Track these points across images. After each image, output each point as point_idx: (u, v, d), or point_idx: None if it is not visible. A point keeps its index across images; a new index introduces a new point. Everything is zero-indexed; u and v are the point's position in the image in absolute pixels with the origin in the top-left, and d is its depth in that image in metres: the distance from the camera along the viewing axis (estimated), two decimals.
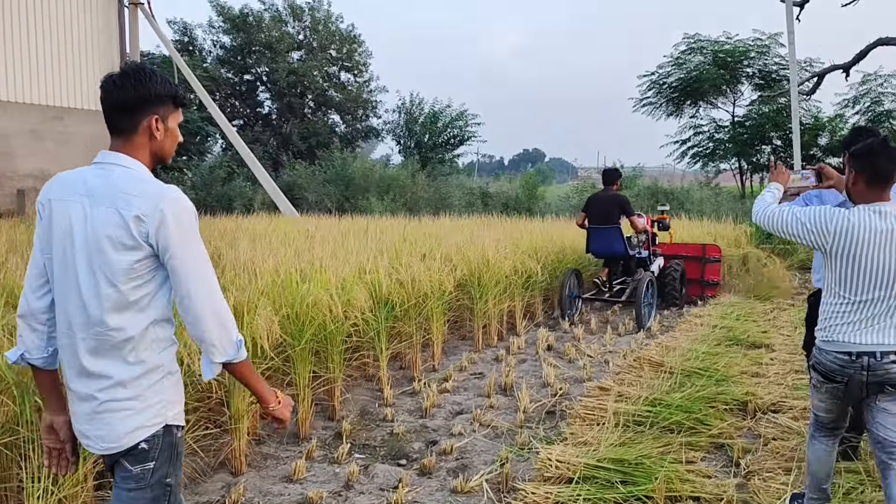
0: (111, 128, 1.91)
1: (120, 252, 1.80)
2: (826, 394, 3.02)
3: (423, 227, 11.47)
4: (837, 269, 2.91)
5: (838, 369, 2.91)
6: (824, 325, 2.96)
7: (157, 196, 1.81)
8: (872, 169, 2.87)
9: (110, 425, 1.86)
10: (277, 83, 28.95)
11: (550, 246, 8.87)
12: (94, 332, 1.84)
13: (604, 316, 8.55)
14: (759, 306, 8.89)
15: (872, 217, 2.85)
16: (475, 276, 6.79)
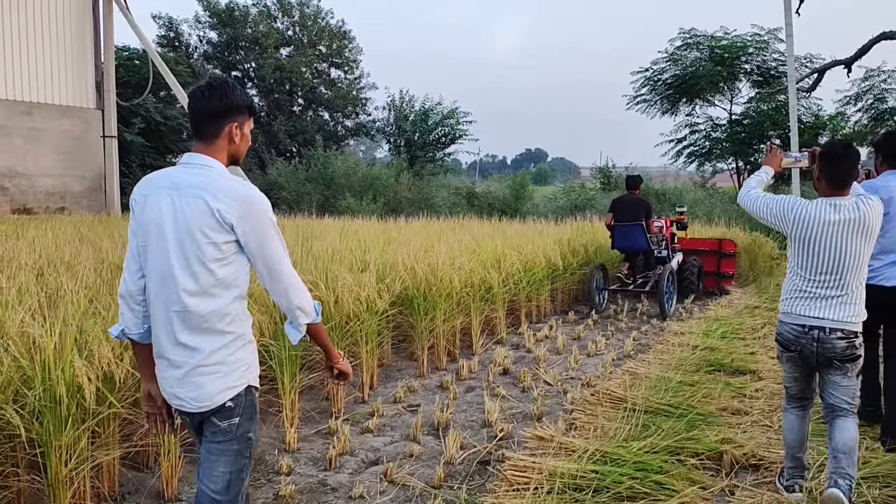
0: (196, 132, 2.18)
1: (209, 237, 2.09)
2: (788, 363, 3.46)
3: (391, 229, 10.68)
4: (796, 251, 3.32)
5: (793, 339, 3.33)
6: (785, 298, 3.39)
7: (238, 191, 2.11)
8: (832, 171, 3.28)
9: (202, 387, 2.15)
10: (264, 79, 28.14)
11: (521, 252, 8.02)
12: (186, 307, 2.11)
13: (574, 332, 7.70)
14: (749, 321, 8.03)
15: (828, 209, 3.24)
16: (420, 290, 5.94)
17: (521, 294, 7.91)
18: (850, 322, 3.23)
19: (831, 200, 3.25)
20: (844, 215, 3.20)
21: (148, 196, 2.17)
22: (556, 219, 13.86)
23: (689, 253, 10.24)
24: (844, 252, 3.20)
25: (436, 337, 6.17)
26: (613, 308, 9.30)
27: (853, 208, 3.23)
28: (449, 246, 7.46)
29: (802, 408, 3.49)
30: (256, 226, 2.13)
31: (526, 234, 9.84)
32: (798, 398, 3.49)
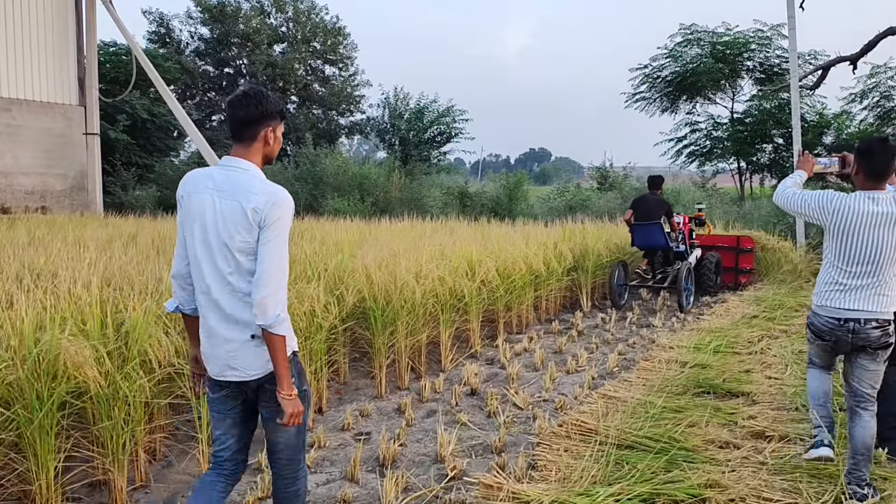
0: (235, 136, 2.47)
1: (241, 234, 2.38)
2: (818, 348, 3.68)
3: (371, 231, 10.14)
4: (835, 244, 3.47)
5: (828, 331, 3.51)
6: (820, 290, 3.55)
7: (270, 194, 2.39)
8: (869, 166, 3.43)
9: (256, 357, 2.46)
10: (256, 76, 27.59)
11: (499, 258, 7.44)
12: (229, 290, 2.43)
13: (556, 345, 7.11)
14: (746, 332, 7.44)
15: (867, 202, 3.39)
16: (378, 302, 5.37)
17: (498, 303, 7.33)
18: (884, 312, 3.41)
19: (869, 193, 3.41)
20: (883, 208, 3.37)
21: (191, 193, 2.46)
22: (550, 220, 13.25)
23: (707, 249, 10.51)
24: (882, 244, 3.37)
25: (397, 353, 5.60)
26: (601, 317, 8.72)
27: (891, 202, 3.39)
28: (419, 251, 6.89)
29: (825, 370, 3.77)
30: (278, 226, 2.39)
31: (511, 237, 9.26)
32: (822, 367, 3.77)
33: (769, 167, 20.67)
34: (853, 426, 3.47)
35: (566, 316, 8.96)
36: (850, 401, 3.54)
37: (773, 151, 20.63)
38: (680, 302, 9.05)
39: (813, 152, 19.54)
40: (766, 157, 20.77)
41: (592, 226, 11.57)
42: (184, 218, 2.48)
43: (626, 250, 10.28)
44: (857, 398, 3.49)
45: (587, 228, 11.06)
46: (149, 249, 7.32)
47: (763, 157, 20.80)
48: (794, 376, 5.70)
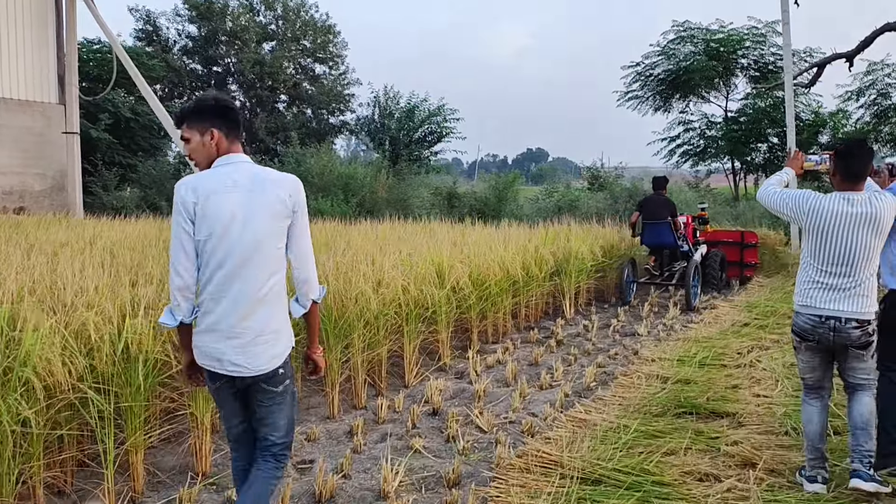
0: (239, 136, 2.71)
1: (280, 221, 2.58)
2: (806, 352, 3.66)
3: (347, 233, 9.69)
4: (811, 244, 3.56)
5: (810, 329, 3.56)
6: (800, 290, 3.63)
7: (291, 179, 2.66)
8: (846, 167, 3.51)
9: (260, 355, 2.59)
10: (244, 74, 27.13)
11: (472, 263, 7.00)
12: (255, 287, 2.55)
13: (532, 356, 6.67)
14: (735, 342, 7.00)
15: (842, 203, 3.47)
16: (330, 313, 4.92)
17: (471, 311, 6.88)
18: (863, 313, 3.45)
19: (845, 195, 3.47)
20: (857, 209, 3.42)
21: (210, 196, 2.53)
22: (538, 222, 12.80)
23: (712, 244, 10.83)
24: (855, 245, 3.42)
25: (353, 369, 5.14)
26: (584, 324, 8.28)
27: (866, 203, 3.43)
28: (388, 256, 6.45)
29: (820, 398, 3.67)
30: (304, 205, 2.66)
31: (492, 240, 8.81)
32: (816, 388, 3.67)
33: (764, 167, 20.23)
34: (851, 405, 3.55)
35: (548, 323, 8.52)
36: (847, 391, 3.62)
37: (767, 151, 20.21)
38: (688, 299, 9.24)
39: (809, 151, 19.15)
40: (761, 157, 20.35)
41: (579, 228, 11.13)
42: (200, 221, 2.52)
43: (625, 250, 10.57)
44: (854, 386, 3.57)
45: (572, 230, 10.62)
46: (103, 254, 6.85)
47: (758, 157, 20.38)
48: (784, 393, 5.27)
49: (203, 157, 2.67)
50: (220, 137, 2.66)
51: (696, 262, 9.68)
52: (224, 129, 2.66)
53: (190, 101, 2.73)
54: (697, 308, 9.36)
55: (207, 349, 2.61)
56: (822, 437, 3.62)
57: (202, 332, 2.61)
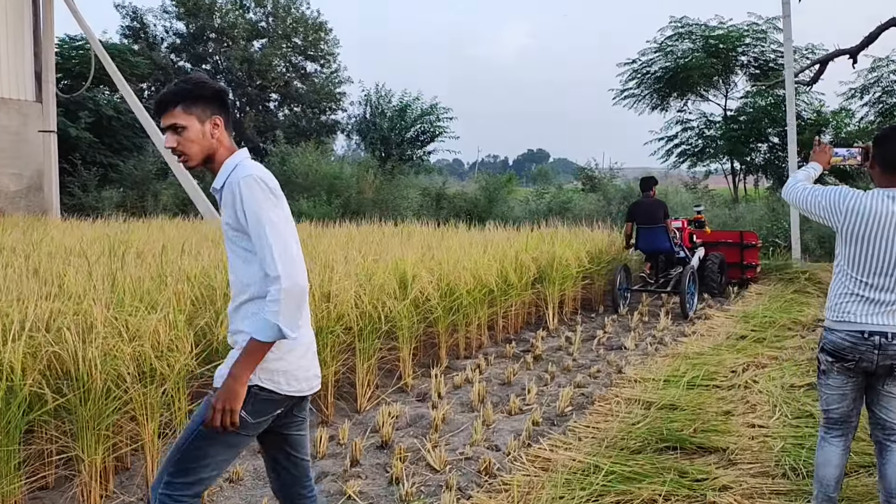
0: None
1: None
2: (838, 377, 3.04)
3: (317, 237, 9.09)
4: (848, 250, 3.01)
5: (849, 347, 2.97)
6: (834, 303, 3.06)
7: None
8: (882, 155, 3.00)
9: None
10: (231, 72, 26.56)
11: (438, 271, 6.38)
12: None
13: (506, 374, 6.04)
14: (730, 359, 6.38)
15: (886, 201, 2.92)
16: None
17: (439, 325, 6.27)
18: None
19: (890, 191, 2.95)
20: None
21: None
22: (528, 224, 12.18)
23: (711, 246, 10.42)
24: None
25: None
26: (567, 335, 7.66)
27: None
28: (348, 263, 5.84)
29: (844, 436, 3.12)
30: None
31: (471, 244, 8.21)
32: (841, 423, 3.11)
33: (764, 167, 19.60)
34: (884, 463, 3.03)
35: (528, 335, 7.90)
36: (877, 433, 3.08)
37: (768, 151, 19.57)
38: (683, 308, 8.79)
39: (810, 151, 18.41)
40: (761, 157, 19.71)
41: (567, 231, 10.51)
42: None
43: (615, 255, 10.05)
44: (887, 430, 3.03)
45: (559, 234, 10.01)
46: (34, 263, 6.22)
47: (758, 157, 19.74)
48: (782, 422, 4.65)
49: (200, 150, 2.22)
50: (223, 129, 2.26)
51: (692, 269, 9.19)
52: (225, 118, 2.27)
53: (179, 82, 2.26)
54: (691, 318, 8.75)
55: (312, 367, 2.34)
56: (839, 484, 3.11)
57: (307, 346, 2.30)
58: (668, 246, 9.15)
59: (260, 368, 2.16)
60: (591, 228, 11.00)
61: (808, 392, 5.28)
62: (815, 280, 10.20)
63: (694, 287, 9.20)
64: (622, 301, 9.34)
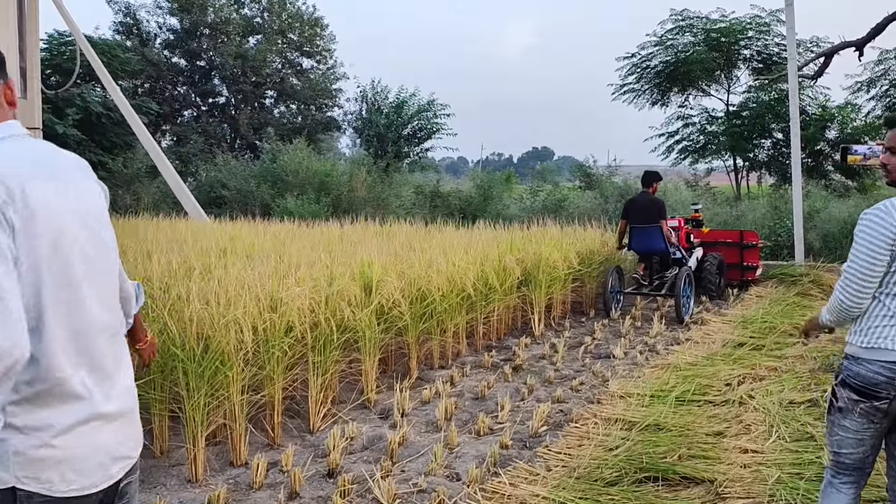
0: None
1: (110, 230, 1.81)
2: (860, 418, 2.52)
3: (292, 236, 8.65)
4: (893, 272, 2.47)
5: (885, 382, 2.44)
6: (869, 326, 2.52)
7: None
8: None
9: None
10: (224, 68, 26.10)
11: (406, 274, 5.91)
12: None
13: (479, 387, 5.57)
14: (725, 370, 5.89)
15: None
16: (188, 347, 3.83)
17: (407, 334, 5.80)
18: None
19: None
20: None
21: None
22: (520, 223, 11.69)
23: (709, 245, 9.96)
24: None
25: (230, 415, 4.06)
26: (554, 342, 7.18)
27: None
28: (308, 267, 5.38)
29: (856, 483, 2.65)
30: None
31: (454, 245, 7.73)
32: (854, 470, 2.63)
33: (767, 164, 19.05)
34: None
35: (512, 342, 7.42)
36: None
37: (771, 147, 19.01)
38: (678, 312, 8.22)
39: (815, 147, 17.96)
40: (764, 154, 19.15)
41: (558, 230, 10.02)
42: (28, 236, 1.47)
43: (607, 256, 9.53)
44: None
45: (548, 233, 9.53)
46: None
47: (761, 154, 19.18)
48: (780, 446, 4.17)
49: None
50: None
51: (688, 270, 8.65)
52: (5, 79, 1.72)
53: None
54: (687, 323, 8.26)
55: (106, 449, 1.74)
56: None
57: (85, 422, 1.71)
58: (663, 246, 8.64)
59: (17, 461, 1.48)
60: (584, 227, 10.50)
61: (808, 409, 4.80)
62: (819, 282, 9.68)
63: (690, 290, 8.68)
64: (614, 304, 8.85)
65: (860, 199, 13.78)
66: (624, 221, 8.94)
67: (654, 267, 9.11)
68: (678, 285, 8.29)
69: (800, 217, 10.81)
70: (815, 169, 17.48)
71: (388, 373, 5.92)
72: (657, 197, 8.91)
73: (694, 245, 9.70)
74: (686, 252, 9.39)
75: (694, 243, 9.71)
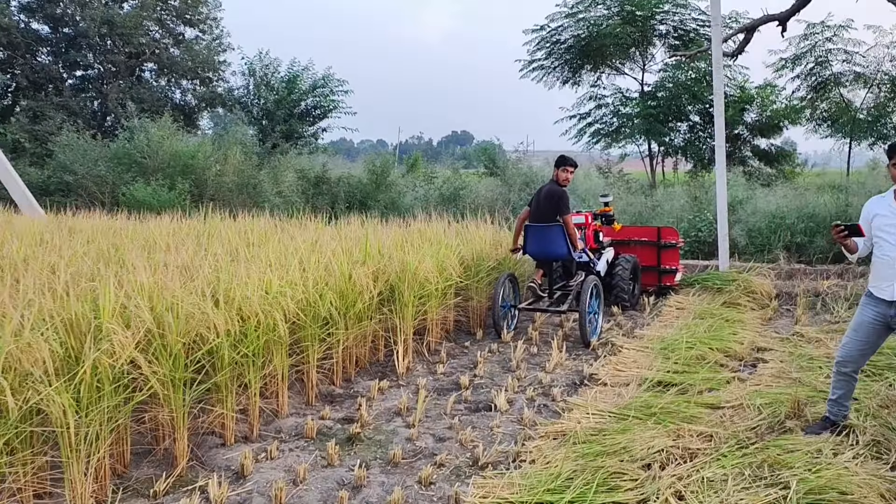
0: None
1: None
2: None
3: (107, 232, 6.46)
4: None
5: None
6: None
7: None
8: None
9: None
10: (88, 36, 22.86)
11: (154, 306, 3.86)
12: None
13: (279, 486, 3.59)
14: (642, 439, 4.13)
15: None
16: None
17: (168, 406, 3.74)
18: None
19: None
20: None
21: None
22: (415, 215, 9.72)
23: (621, 244, 8.66)
24: None
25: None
26: (417, 385, 5.28)
27: None
28: None
29: None
30: None
31: (293, 250, 5.71)
32: None
33: (684, 149, 17.84)
34: None
35: (364, 385, 5.47)
36: None
37: (688, 131, 17.82)
38: (583, 333, 6.59)
39: (734, 132, 16.84)
40: (681, 138, 17.95)
41: (442, 226, 8.14)
42: None
43: (500, 260, 7.71)
44: None
45: (430, 231, 7.63)
46: None
47: (677, 138, 17.96)
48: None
49: None
50: None
51: (595, 280, 7.00)
52: None
53: None
54: (594, 346, 6.56)
55: None
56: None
57: None
58: (565, 251, 6.96)
59: None
60: (478, 222, 8.65)
61: None
62: (749, 289, 8.21)
63: (598, 303, 7.01)
64: (504, 323, 7.05)
65: (788, 189, 12.54)
66: (526, 210, 7.34)
67: (555, 274, 7.38)
68: (583, 299, 6.58)
69: (723, 208, 9.31)
70: (732, 155, 16.31)
71: (159, 460, 3.86)
72: (559, 187, 7.11)
73: (604, 245, 8.08)
74: (594, 254, 7.72)
75: (604, 243, 8.11)
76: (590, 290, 6.72)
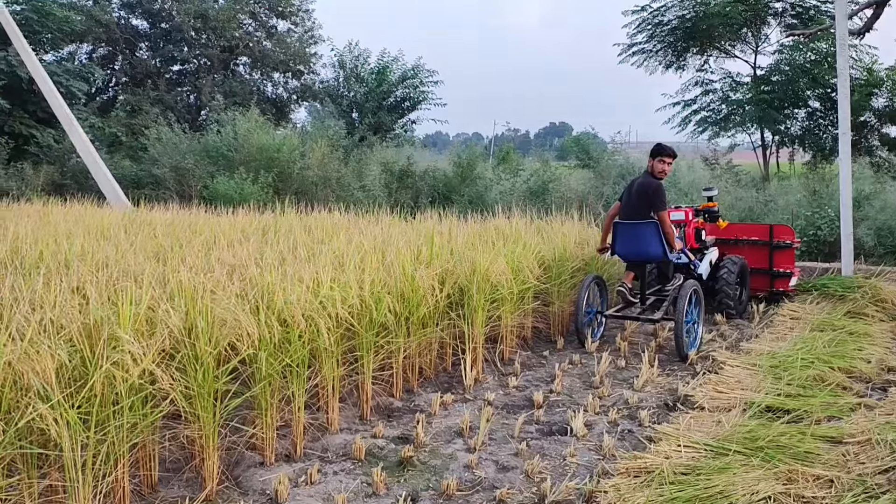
0: None
1: None
2: None
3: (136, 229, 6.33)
4: None
5: None
6: None
7: None
8: None
9: None
10: (182, 30, 23.51)
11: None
12: None
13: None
14: (744, 480, 3.41)
15: None
16: None
17: (195, 425, 3.37)
18: None
19: None
20: None
21: None
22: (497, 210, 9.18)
23: (725, 244, 7.75)
24: None
25: None
26: (484, 400, 4.72)
27: None
28: None
29: None
30: None
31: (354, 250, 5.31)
32: None
33: (801, 138, 16.27)
34: None
35: (426, 398, 4.97)
36: None
37: (806, 118, 16.24)
38: (679, 346, 5.83)
39: (860, 119, 15.19)
40: (798, 126, 16.38)
41: (525, 222, 7.54)
42: None
43: (586, 259, 7.05)
44: None
45: (509, 228, 7.05)
46: None
47: (794, 126, 16.41)
48: None
49: None
50: None
51: (695, 285, 6.14)
52: None
53: None
54: (692, 361, 5.79)
55: None
56: None
57: None
58: (659, 252, 6.16)
59: None
60: (562, 218, 7.99)
61: None
62: (877, 297, 7.12)
63: (698, 312, 6.19)
64: (589, 332, 6.37)
65: None
66: (617, 204, 6.64)
67: (648, 277, 6.61)
68: (681, 306, 5.81)
69: (848, 201, 8.16)
70: (857, 145, 14.72)
71: (188, 481, 3.51)
72: (654, 179, 6.33)
73: (707, 245, 7.21)
74: (695, 255, 6.88)
75: (707, 242, 7.25)
76: (688, 295, 5.92)
